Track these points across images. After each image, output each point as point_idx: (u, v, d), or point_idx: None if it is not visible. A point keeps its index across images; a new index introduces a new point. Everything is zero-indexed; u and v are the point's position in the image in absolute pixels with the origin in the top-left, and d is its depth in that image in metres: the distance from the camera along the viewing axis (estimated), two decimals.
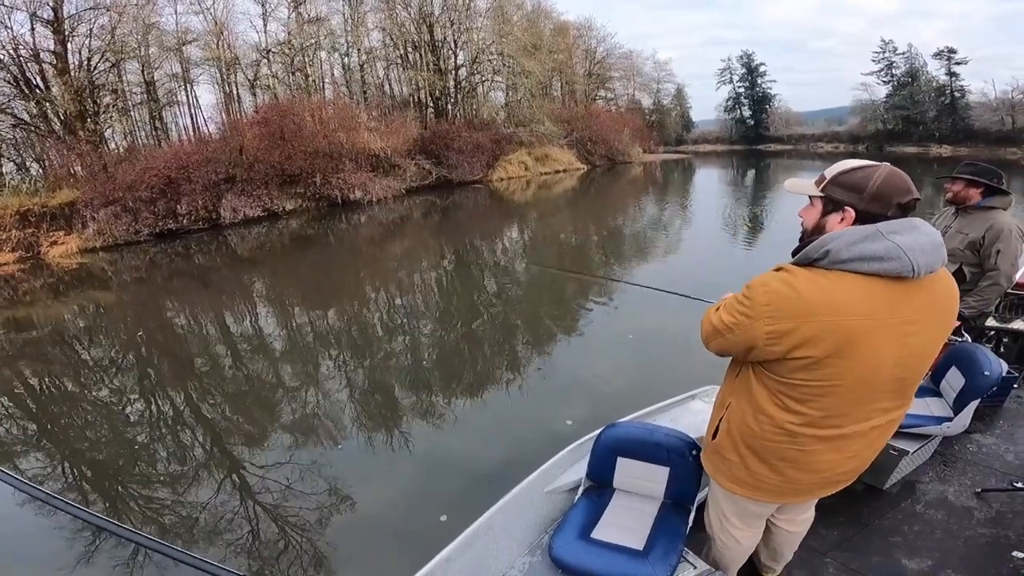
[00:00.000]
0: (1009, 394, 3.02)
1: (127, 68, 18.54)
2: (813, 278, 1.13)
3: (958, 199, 2.71)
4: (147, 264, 11.85)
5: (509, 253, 11.78)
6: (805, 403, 1.20)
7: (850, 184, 1.16)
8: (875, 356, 1.12)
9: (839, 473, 1.33)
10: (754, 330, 1.17)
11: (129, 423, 4.93)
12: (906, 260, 1.07)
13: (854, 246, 1.09)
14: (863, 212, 1.14)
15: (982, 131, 37.80)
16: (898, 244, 1.08)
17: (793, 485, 1.35)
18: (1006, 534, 2.11)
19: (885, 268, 1.08)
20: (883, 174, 1.13)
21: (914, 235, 1.10)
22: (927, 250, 1.09)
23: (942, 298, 1.18)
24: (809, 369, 1.15)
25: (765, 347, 1.17)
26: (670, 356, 5.42)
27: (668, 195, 21.60)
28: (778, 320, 1.13)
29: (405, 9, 24.48)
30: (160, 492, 3.79)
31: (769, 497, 1.41)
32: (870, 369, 1.14)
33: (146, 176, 13.64)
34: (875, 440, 1.30)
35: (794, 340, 1.12)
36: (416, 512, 3.32)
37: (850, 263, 1.10)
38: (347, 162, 17.59)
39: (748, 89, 51.37)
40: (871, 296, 1.10)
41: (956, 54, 40.07)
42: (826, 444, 1.25)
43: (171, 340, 7.26)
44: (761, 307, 1.15)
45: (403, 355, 6.19)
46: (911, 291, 1.12)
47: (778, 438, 1.26)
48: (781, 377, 1.20)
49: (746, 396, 1.31)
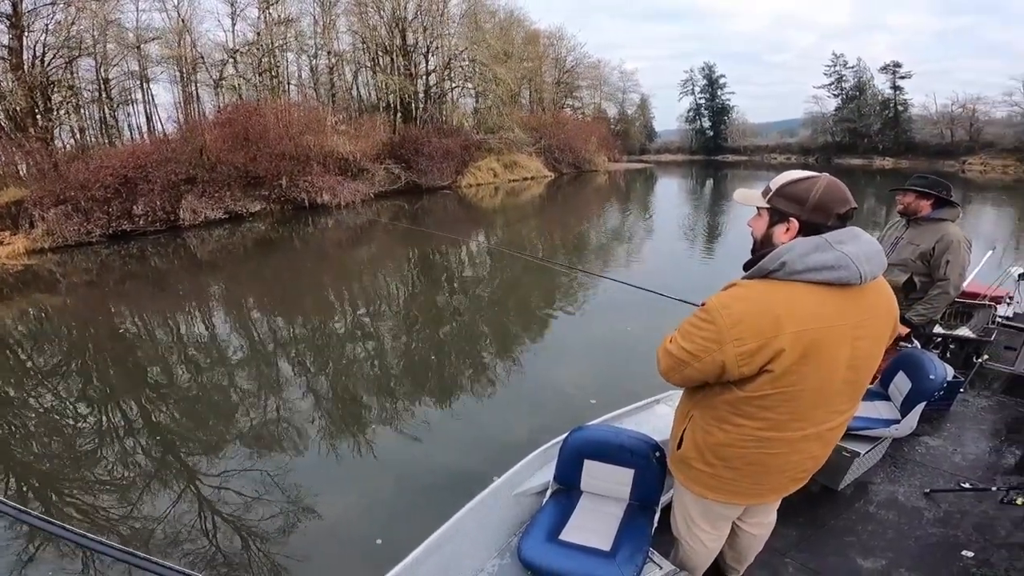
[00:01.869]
0: (955, 398, 3.16)
1: (81, 65, 17.84)
2: (771, 290, 1.17)
3: (909, 210, 2.80)
4: (99, 266, 11.39)
5: (477, 259, 11.88)
6: (770, 409, 1.23)
7: (793, 196, 1.21)
8: (832, 361, 1.17)
9: (800, 472, 1.39)
10: (724, 354, 1.17)
11: (77, 433, 4.71)
12: (854, 268, 1.13)
13: (807, 257, 1.14)
14: (806, 222, 1.19)
15: (923, 144, 40.15)
16: (846, 253, 1.13)
17: (761, 487, 1.39)
18: (955, 534, 2.19)
19: (837, 276, 1.13)
20: (823, 186, 1.19)
21: (858, 244, 1.16)
22: (871, 258, 1.16)
23: (884, 303, 1.25)
24: (773, 380, 1.18)
25: (738, 368, 1.18)
26: (636, 358, 5.49)
27: (633, 204, 22.20)
28: (747, 340, 1.14)
29: (378, 13, 24.38)
30: (111, 504, 3.62)
31: (740, 499, 1.45)
32: (827, 373, 1.19)
33: (101, 175, 13.10)
34: (830, 441, 1.35)
35: (766, 356, 1.15)
36: (383, 518, 3.30)
37: (804, 273, 1.14)
38: (315, 165, 17.33)
39: (708, 100, 53.15)
40: (825, 304, 1.15)
41: (901, 68, 42.58)
42: (791, 446, 1.29)
43: (123, 347, 6.96)
44: (728, 330, 1.16)
45: (369, 361, 6.14)
46: (856, 297, 1.18)
47: (747, 444, 1.30)
48: (744, 390, 1.22)
49: (710, 409, 1.33)
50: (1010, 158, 33.69)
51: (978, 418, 3.13)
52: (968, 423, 3.06)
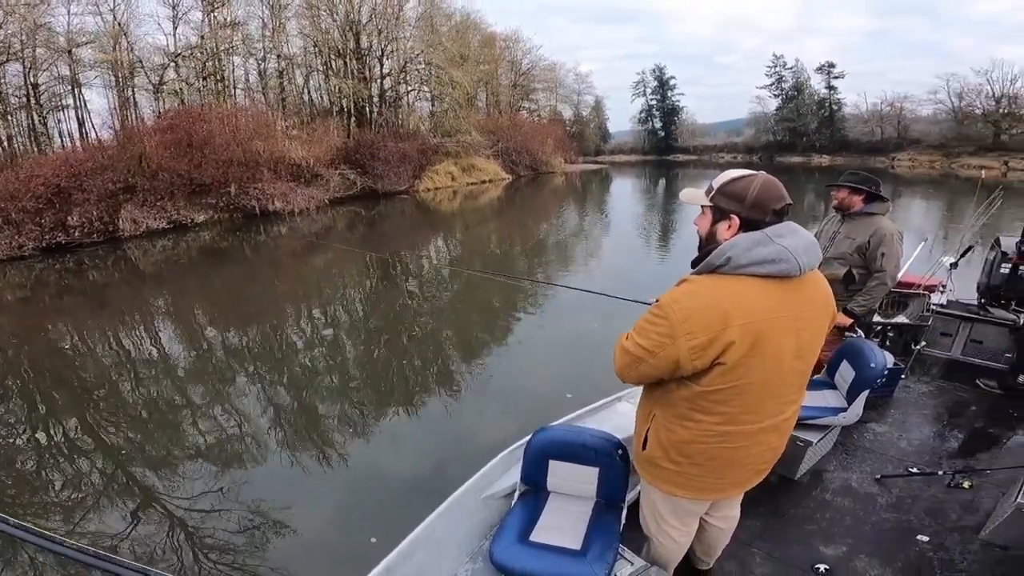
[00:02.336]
0: (897, 384, 3.25)
1: (8, 70, 16.64)
2: (718, 285, 1.21)
3: (843, 205, 2.92)
4: (33, 281, 10.64)
5: (436, 264, 11.80)
6: (724, 403, 1.27)
7: (732, 194, 1.27)
8: (778, 351, 1.23)
9: (761, 464, 1.44)
10: (677, 348, 1.20)
11: (17, 454, 4.45)
12: (793, 261, 1.19)
13: (750, 251, 1.19)
14: (746, 219, 1.26)
15: (855, 141, 42.53)
16: (785, 247, 1.19)
17: (724, 480, 1.44)
18: (908, 519, 2.26)
19: (778, 269, 1.19)
20: (759, 184, 1.25)
21: (795, 238, 1.22)
22: (807, 249, 1.23)
23: (821, 293, 1.32)
24: (724, 373, 1.22)
25: (691, 362, 1.21)
26: (605, 354, 5.64)
27: (589, 204, 22.58)
28: (698, 334, 1.18)
29: (331, 16, 23.81)
30: (60, 526, 3.43)
31: (706, 495, 1.49)
32: (774, 363, 1.24)
33: (31, 184, 12.22)
34: (785, 431, 1.42)
35: (717, 349, 1.19)
36: (351, 528, 3.26)
37: (748, 267, 1.20)
38: (265, 171, 16.74)
39: (660, 101, 54.56)
40: (769, 296, 1.20)
41: (835, 68, 44.94)
42: (751, 439, 1.34)
43: (63, 364, 6.54)
44: (679, 324, 1.19)
45: (330, 371, 6.01)
46: (796, 289, 1.24)
47: (709, 440, 1.33)
48: (699, 385, 1.26)
49: (670, 407, 1.36)
50: (936, 154, 36.12)
51: (920, 403, 3.25)
52: (911, 408, 3.17)
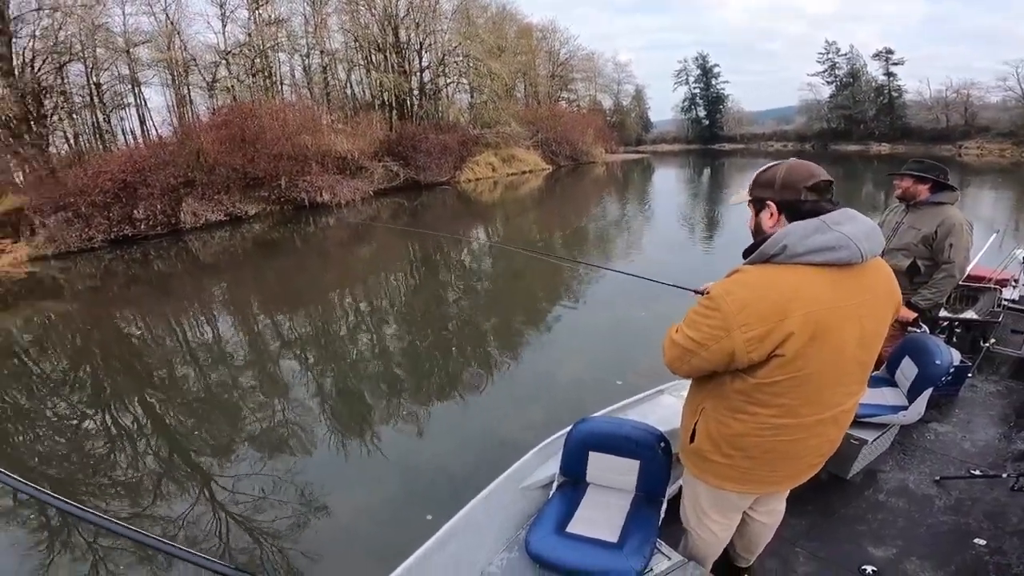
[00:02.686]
0: (964, 383, 3.10)
1: (71, 70, 17.74)
2: (774, 274, 1.18)
3: (907, 195, 2.81)
4: (102, 272, 11.37)
5: (479, 253, 11.89)
6: (783, 395, 1.23)
7: (763, 182, 1.30)
8: (840, 341, 1.19)
9: (817, 457, 1.40)
10: (732, 341, 1.18)
11: (87, 437, 4.72)
12: (854, 248, 1.15)
13: (807, 239, 1.16)
14: (780, 202, 1.26)
15: (918, 129, 40.13)
16: (845, 233, 1.15)
17: (778, 473, 1.40)
18: (966, 521, 2.17)
19: (838, 257, 1.16)
20: (786, 166, 1.28)
21: (855, 224, 1.18)
22: (869, 235, 1.19)
23: (884, 280, 1.28)
24: (783, 365, 1.18)
25: (747, 355, 1.18)
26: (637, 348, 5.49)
27: (630, 194, 22.19)
28: (754, 325, 1.15)
29: (369, 11, 24.23)
30: (123, 508, 3.63)
31: (758, 488, 1.45)
32: (836, 353, 1.20)
33: (99, 180, 13.06)
34: (844, 423, 1.36)
35: (775, 340, 1.15)
36: (392, 514, 3.32)
37: (805, 255, 1.16)
38: (313, 164, 17.30)
39: (703, 90, 53.02)
40: (828, 284, 1.16)
41: (893, 55, 42.51)
42: (808, 431, 1.30)
43: (129, 351, 6.96)
44: (733, 316, 1.17)
45: (375, 358, 6.13)
46: (857, 276, 1.20)
47: (764, 433, 1.30)
48: (755, 377, 1.23)
49: (722, 400, 1.33)
50: (1006, 142, 33.70)
51: (987, 403, 3.09)
52: (977, 409, 3.02)
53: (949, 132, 38.05)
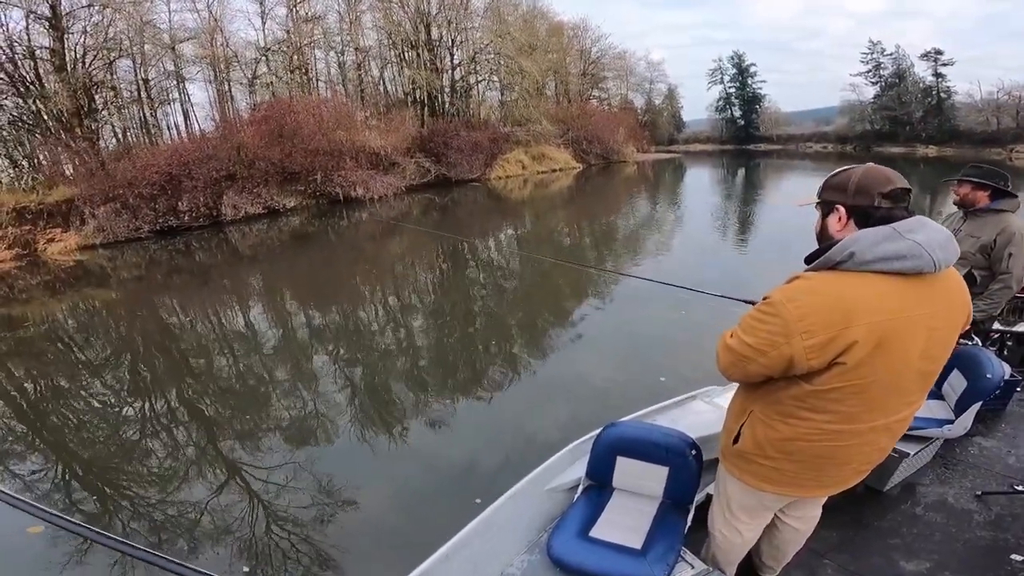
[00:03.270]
0: (1012, 398, 3.00)
1: (119, 65, 18.40)
2: (840, 282, 1.15)
3: (966, 202, 2.72)
4: (147, 261, 11.79)
5: (508, 251, 11.88)
6: (840, 402, 1.21)
7: (835, 185, 1.26)
8: (905, 351, 1.16)
9: (865, 464, 1.36)
10: (792, 348, 1.15)
11: (125, 423, 4.84)
12: (927, 256, 1.11)
13: (877, 247, 1.12)
14: (851, 207, 1.22)
15: (967, 132, 38.51)
16: (918, 242, 1.11)
17: (824, 478, 1.37)
18: (1005, 537, 2.11)
19: (909, 266, 1.12)
20: (861, 170, 1.23)
21: (928, 232, 1.14)
22: (944, 245, 1.14)
23: (956, 290, 1.24)
24: (845, 372, 1.15)
25: (807, 362, 1.15)
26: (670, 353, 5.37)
27: (661, 194, 21.87)
28: (816, 333, 1.12)
29: (402, 8, 24.50)
30: (157, 492, 3.72)
31: (801, 492, 1.42)
32: (901, 363, 1.17)
33: (147, 173, 13.54)
34: (898, 432, 1.33)
35: (837, 348, 1.13)
36: (416, 510, 3.32)
37: (874, 263, 1.13)
38: (347, 160, 17.58)
39: (739, 89, 51.90)
40: (899, 293, 1.13)
41: (943, 55, 40.87)
42: (861, 438, 1.27)
43: (170, 338, 7.17)
44: (795, 323, 1.13)
45: (405, 353, 6.15)
46: (929, 285, 1.16)
47: (814, 438, 1.27)
48: (812, 384, 1.20)
49: (773, 404, 1.30)
50: None
51: None
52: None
53: (1000, 135, 36.44)
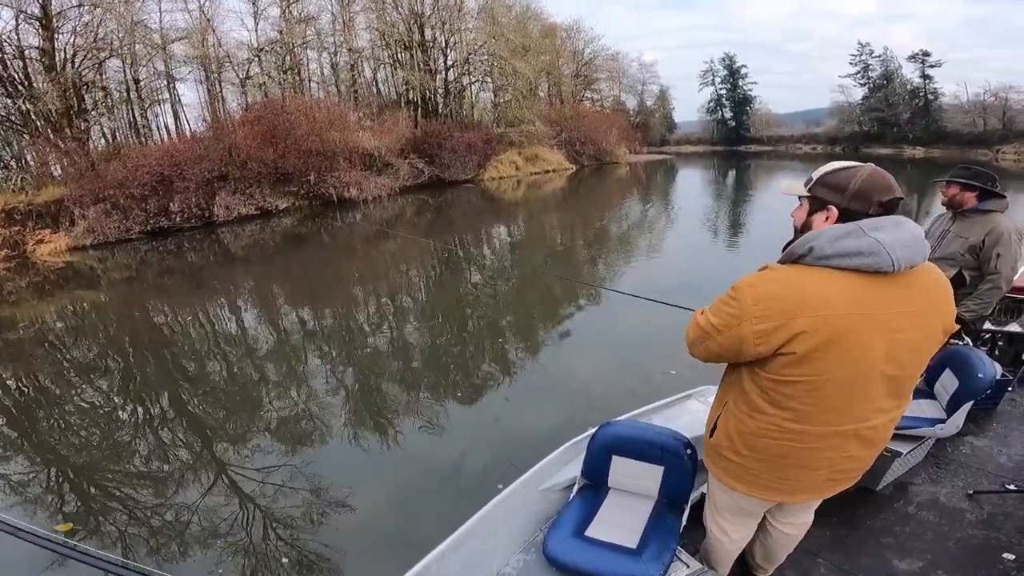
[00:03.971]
0: (1003, 397, 3.04)
1: (108, 66, 18.24)
2: (798, 274, 1.16)
3: (954, 203, 2.74)
4: (138, 262, 11.70)
5: (501, 253, 11.90)
6: (797, 399, 1.21)
7: (834, 184, 1.21)
8: (863, 351, 1.14)
9: (836, 472, 1.33)
10: (743, 330, 1.18)
11: (115, 426, 4.80)
12: (884, 255, 1.10)
13: (836, 242, 1.13)
14: (845, 210, 1.19)
15: (954, 133, 39.01)
16: (878, 240, 1.10)
17: (789, 482, 1.35)
18: (997, 536, 2.13)
19: (866, 263, 1.11)
20: (865, 173, 1.18)
21: (896, 231, 1.12)
22: (907, 244, 1.12)
23: (930, 293, 1.20)
24: (797, 364, 1.16)
25: (755, 347, 1.18)
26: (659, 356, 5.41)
27: (653, 196, 21.98)
28: (766, 319, 1.15)
29: (396, 8, 24.47)
30: (148, 495, 3.69)
31: (768, 494, 1.41)
32: (859, 364, 1.15)
33: (138, 173, 13.44)
34: (872, 441, 1.29)
35: (782, 337, 1.14)
36: (412, 511, 3.32)
37: (833, 259, 1.13)
38: (341, 160, 17.55)
39: (730, 91, 52.26)
40: (855, 290, 1.12)
41: (930, 57, 41.38)
42: (822, 441, 1.25)
43: (161, 341, 7.09)
44: (749, 307, 1.17)
45: (395, 355, 6.11)
46: (895, 286, 1.14)
47: (775, 435, 1.27)
48: (771, 374, 1.21)
49: (742, 395, 1.32)
50: None
51: None
52: (1015, 423, 2.94)
53: (986, 136, 36.95)
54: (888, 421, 1.28)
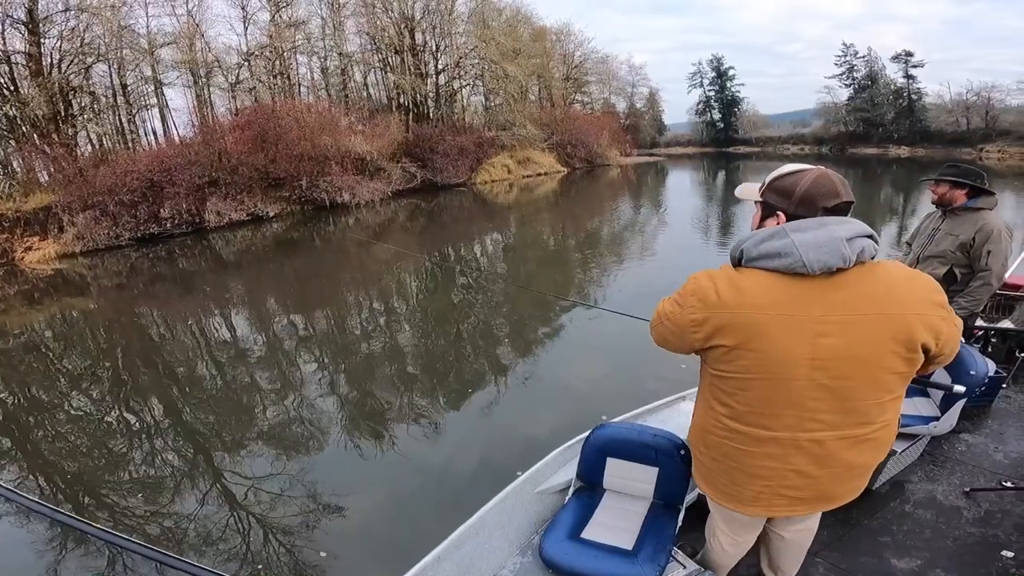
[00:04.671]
0: (997, 394, 3.03)
1: (95, 71, 18.06)
2: (731, 275, 1.20)
3: (944, 201, 2.75)
4: (128, 269, 11.58)
5: (494, 258, 11.90)
6: (731, 395, 1.24)
7: (781, 189, 1.21)
8: (780, 351, 1.13)
9: (784, 487, 1.28)
10: (681, 317, 1.24)
11: (107, 434, 4.76)
12: (797, 256, 1.09)
13: (760, 244, 1.15)
14: (792, 216, 1.18)
15: (938, 132, 39.58)
16: (794, 241, 1.10)
17: (738, 488, 1.34)
18: (995, 533, 2.13)
19: (782, 264, 1.12)
20: (810, 179, 1.17)
21: (814, 232, 1.10)
22: (820, 245, 1.09)
23: (871, 299, 1.11)
24: (727, 359, 1.20)
25: (691, 334, 1.22)
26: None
27: (644, 198, 22.10)
28: (696, 310, 1.20)
29: (386, 13, 24.46)
30: (141, 503, 3.67)
31: (724, 500, 1.41)
32: (779, 365, 1.14)
33: (127, 179, 13.34)
34: (821, 459, 1.22)
35: (709, 329, 1.19)
36: (407, 515, 3.32)
37: (758, 260, 1.16)
38: (333, 165, 17.50)
39: (718, 93, 52.58)
40: (774, 291, 1.13)
41: (913, 57, 41.95)
42: (761, 447, 1.24)
43: (152, 348, 7.03)
44: (687, 296, 1.23)
45: (388, 361, 6.08)
46: (824, 289, 1.11)
47: (719, 432, 1.30)
48: (711, 367, 1.26)
49: (702, 391, 1.37)
50: None
51: (1020, 415, 3.00)
52: (1010, 420, 2.94)
53: (969, 135, 37.50)
54: (840, 440, 1.19)
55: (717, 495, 1.43)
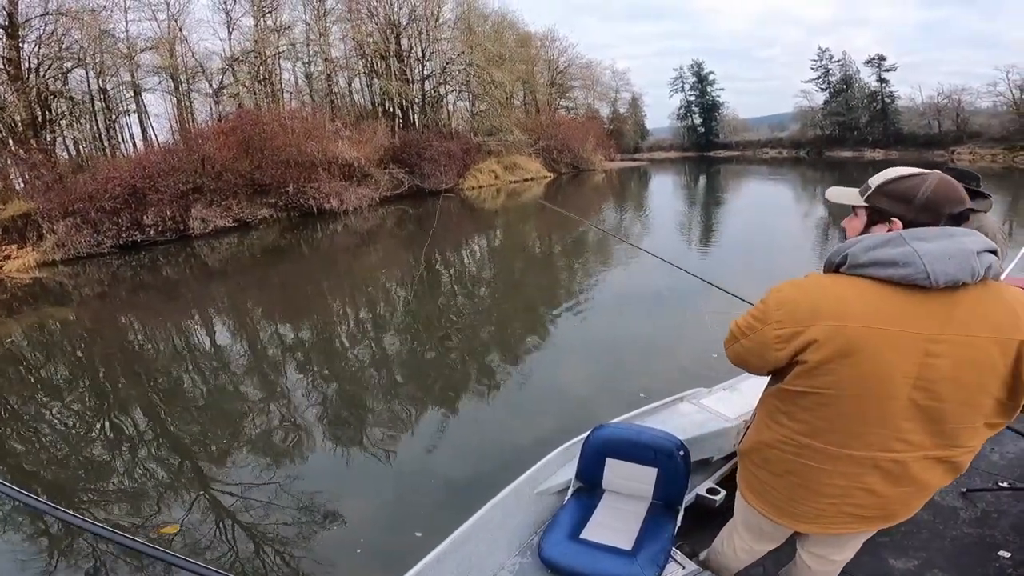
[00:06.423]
0: None
1: (73, 76, 17.75)
2: (827, 282, 1.11)
3: None
4: (110, 277, 11.34)
5: (482, 262, 11.91)
6: (810, 411, 1.16)
7: (898, 194, 1.11)
8: (881, 368, 1.05)
9: (853, 505, 1.22)
10: (765, 334, 1.16)
11: (89, 446, 4.64)
12: (920, 266, 0.99)
13: (871, 251, 1.05)
14: (911, 223, 1.09)
15: (911, 135, 40.78)
16: (915, 249, 1.00)
17: (801, 507, 1.28)
18: (992, 534, 2.15)
19: (899, 274, 1.01)
20: (933, 183, 1.08)
21: (942, 242, 1.01)
22: (951, 256, 0.99)
23: (993, 318, 1.02)
24: (810, 375, 1.11)
25: (775, 352, 1.15)
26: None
27: (630, 201, 22.35)
28: (785, 324, 1.11)
29: (372, 19, 24.45)
30: (125, 516, 3.58)
31: (776, 514, 1.34)
32: (874, 382, 1.06)
33: (109, 186, 13.08)
34: (899, 477, 1.15)
35: (798, 344, 1.10)
36: (400, 522, 3.31)
37: (867, 268, 1.05)
38: (320, 171, 17.39)
39: (699, 97, 53.44)
40: (883, 302, 1.03)
41: (886, 61, 43.23)
42: (834, 465, 1.17)
43: (134, 358, 6.85)
44: (772, 311, 1.15)
45: (377, 366, 6.00)
46: (943, 304, 1.02)
47: (787, 448, 1.23)
48: (788, 384, 1.18)
49: (767, 405, 1.30)
50: (997, 147, 34.26)
51: (1017, 416, 3.08)
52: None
53: (942, 137, 38.62)
54: (923, 460, 1.13)
55: (769, 509, 1.35)
